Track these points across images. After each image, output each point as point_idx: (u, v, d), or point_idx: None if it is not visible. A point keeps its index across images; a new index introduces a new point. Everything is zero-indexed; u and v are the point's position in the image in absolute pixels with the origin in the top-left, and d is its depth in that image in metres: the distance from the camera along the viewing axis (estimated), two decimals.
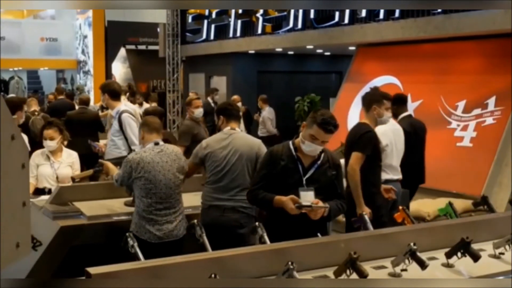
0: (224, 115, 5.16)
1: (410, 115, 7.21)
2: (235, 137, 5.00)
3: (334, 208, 4.09)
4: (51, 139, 5.95)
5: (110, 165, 5.23)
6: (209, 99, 13.83)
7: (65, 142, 6.26)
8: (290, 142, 4.21)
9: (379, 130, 5.71)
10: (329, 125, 3.99)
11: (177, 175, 4.70)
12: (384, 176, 5.70)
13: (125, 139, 6.41)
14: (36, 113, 10.24)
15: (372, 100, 5.54)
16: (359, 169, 5.20)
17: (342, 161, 5.47)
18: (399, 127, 6.00)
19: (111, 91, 6.58)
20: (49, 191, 5.73)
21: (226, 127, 5.09)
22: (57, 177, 5.93)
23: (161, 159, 4.64)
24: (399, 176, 5.86)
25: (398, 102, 6.88)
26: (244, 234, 4.87)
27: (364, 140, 5.28)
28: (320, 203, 3.96)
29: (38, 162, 5.91)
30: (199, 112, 7.49)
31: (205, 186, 5.01)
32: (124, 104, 10.14)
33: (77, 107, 12.89)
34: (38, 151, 6.01)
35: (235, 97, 12.59)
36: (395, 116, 6.73)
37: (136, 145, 6.30)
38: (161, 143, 4.78)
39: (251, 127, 13.46)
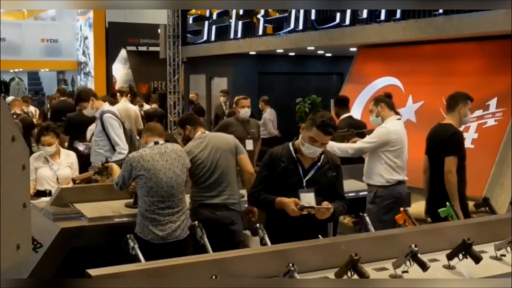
0: (189, 124, 5.35)
1: (350, 116, 7.66)
2: (210, 137, 5.19)
3: (338, 209, 4.08)
4: (49, 144, 5.96)
5: (115, 166, 5.24)
6: (222, 99, 13.54)
7: (66, 144, 6.26)
8: (290, 144, 4.21)
9: (392, 127, 5.75)
10: (328, 127, 3.98)
11: (178, 173, 4.69)
12: (397, 177, 5.75)
13: (107, 140, 6.42)
14: (15, 116, 9.91)
15: (460, 99, 5.73)
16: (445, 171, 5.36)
17: (334, 143, 5.61)
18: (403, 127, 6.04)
19: (95, 94, 6.68)
20: (50, 193, 5.73)
21: (196, 133, 5.25)
22: (57, 179, 5.93)
23: (161, 158, 4.65)
24: (406, 177, 5.91)
25: (340, 104, 7.69)
26: (235, 230, 5.05)
27: (455, 143, 5.43)
28: (325, 204, 3.94)
29: (37, 165, 5.91)
30: (244, 112, 7.61)
31: (193, 187, 5.11)
32: (123, 105, 10.20)
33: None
34: (35, 154, 6.00)
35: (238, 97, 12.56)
36: (337, 116, 7.36)
37: (119, 145, 6.32)
38: (162, 142, 4.79)
39: None
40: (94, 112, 6.60)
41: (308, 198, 3.96)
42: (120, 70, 22.02)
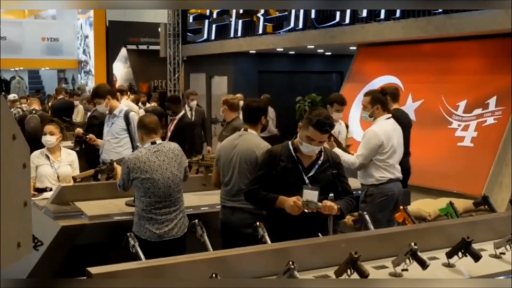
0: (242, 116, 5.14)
1: (184, 114, 8.78)
2: (243, 139, 4.94)
3: (344, 205, 4.07)
4: (51, 133, 5.95)
5: (119, 168, 5.24)
6: (186, 106, 11.05)
7: (72, 142, 6.26)
8: (290, 143, 4.19)
9: (381, 129, 5.71)
10: (325, 126, 3.96)
11: (175, 173, 4.69)
12: (387, 175, 5.70)
13: (130, 138, 6.45)
14: (34, 111, 10.28)
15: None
16: None
17: (340, 153, 5.57)
18: (398, 126, 5.98)
19: (112, 92, 6.63)
20: (51, 190, 5.73)
21: (241, 129, 5.08)
22: (58, 177, 5.94)
23: (158, 158, 4.64)
24: (399, 175, 5.86)
25: (174, 101, 8.70)
26: (251, 233, 4.90)
27: None
28: (328, 204, 3.93)
29: (38, 163, 5.90)
30: None
31: (221, 186, 5.03)
32: (125, 103, 10.22)
33: (80, 106, 12.91)
34: (36, 152, 6.00)
35: (239, 95, 12.55)
36: (174, 114, 8.23)
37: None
38: (159, 141, 4.78)
39: None
40: (107, 110, 6.57)
41: (311, 196, 3.95)
42: (121, 69, 22.03)
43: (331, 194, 4.22)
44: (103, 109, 6.63)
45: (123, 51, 21.48)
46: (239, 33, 14.32)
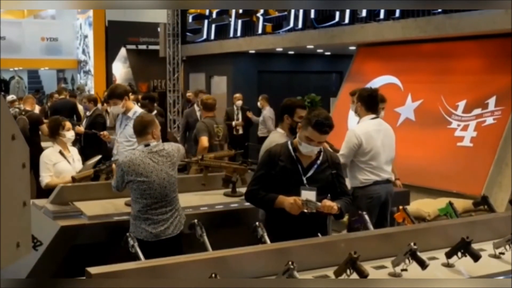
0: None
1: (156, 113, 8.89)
2: (268, 138, 4.97)
3: (343, 205, 4.07)
4: (72, 129, 6.10)
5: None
6: (195, 106, 10.50)
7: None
8: (289, 142, 4.19)
9: (361, 129, 5.63)
10: (324, 126, 3.96)
11: (171, 173, 4.67)
12: (372, 177, 5.61)
13: None
14: (24, 112, 10.23)
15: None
16: None
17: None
18: (388, 126, 5.89)
19: (128, 92, 6.58)
20: None
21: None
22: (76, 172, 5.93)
23: (152, 160, 4.62)
24: (388, 176, 5.77)
25: (151, 100, 9.17)
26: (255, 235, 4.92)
27: None
28: (327, 203, 3.94)
29: (55, 160, 5.92)
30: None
31: None
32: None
33: (80, 106, 12.91)
34: (48, 150, 6.04)
35: (237, 95, 12.56)
36: (150, 111, 8.13)
37: None
38: (153, 143, 4.74)
39: (251, 128, 13.44)
40: (122, 111, 6.50)
41: (309, 196, 3.96)
42: (120, 69, 22.03)
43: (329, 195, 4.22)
44: (120, 110, 6.51)
45: (123, 51, 21.48)
46: (239, 33, 14.33)
